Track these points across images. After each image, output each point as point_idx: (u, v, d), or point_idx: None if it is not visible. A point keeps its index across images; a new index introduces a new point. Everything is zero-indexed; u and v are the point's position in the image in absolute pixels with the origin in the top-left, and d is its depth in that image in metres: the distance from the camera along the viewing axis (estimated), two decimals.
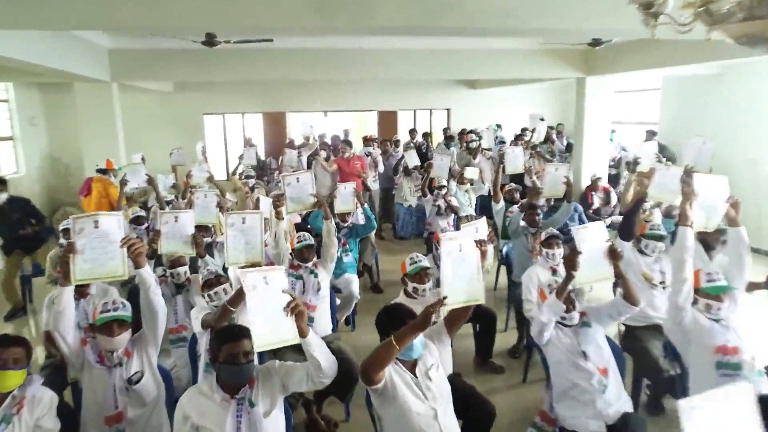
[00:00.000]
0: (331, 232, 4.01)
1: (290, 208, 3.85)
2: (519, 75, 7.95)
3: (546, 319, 2.91)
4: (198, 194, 4.66)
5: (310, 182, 3.87)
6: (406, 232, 9.17)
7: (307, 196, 3.87)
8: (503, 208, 6.23)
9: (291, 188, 3.82)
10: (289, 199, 3.79)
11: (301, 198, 3.81)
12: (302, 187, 3.83)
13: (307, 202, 3.88)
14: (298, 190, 3.81)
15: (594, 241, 2.89)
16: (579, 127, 8.09)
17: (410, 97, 11.88)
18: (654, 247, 3.99)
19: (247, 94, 11.22)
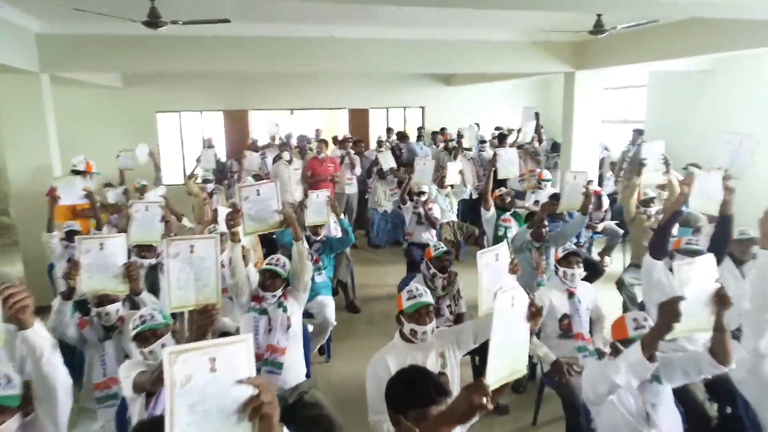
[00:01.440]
0: (302, 255, 3.24)
1: (249, 228, 2.98)
2: (504, 69, 7.31)
3: (623, 381, 2.19)
4: (137, 207, 3.82)
5: (275, 195, 3.00)
6: (381, 240, 8.44)
7: (271, 213, 3.00)
8: (494, 215, 5.57)
9: (250, 203, 2.94)
10: (248, 217, 2.93)
11: (262, 216, 2.97)
12: (264, 201, 2.96)
13: (270, 221, 3.01)
14: (258, 206, 2.95)
15: (699, 282, 2.26)
16: (567, 126, 7.52)
17: (383, 95, 11.16)
18: None
19: (206, 90, 10.29)
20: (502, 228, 5.52)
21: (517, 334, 1.69)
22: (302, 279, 3.24)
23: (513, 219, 5.62)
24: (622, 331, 2.45)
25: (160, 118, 10.45)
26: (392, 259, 7.80)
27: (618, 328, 2.49)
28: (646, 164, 5.22)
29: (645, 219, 5.33)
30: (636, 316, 2.47)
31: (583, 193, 4.12)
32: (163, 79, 10.01)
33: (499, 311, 1.61)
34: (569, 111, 7.45)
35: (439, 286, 3.95)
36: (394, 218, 8.43)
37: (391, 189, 8.52)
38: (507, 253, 2.60)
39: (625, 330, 2.42)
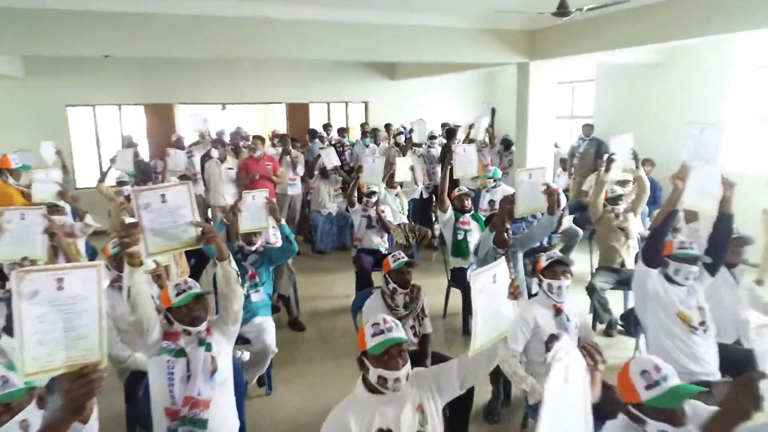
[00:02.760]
0: (230, 279, 2.51)
1: (153, 247, 2.19)
2: (454, 58, 6.80)
3: None
4: (9, 215, 2.97)
5: (188, 202, 2.23)
6: (325, 245, 7.76)
7: (183, 226, 2.23)
8: (452, 218, 5.04)
9: (152, 214, 2.17)
10: (152, 234, 2.17)
11: (171, 230, 2.20)
12: (173, 211, 2.21)
13: (183, 237, 2.24)
14: (165, 217, 2.19)
15: None
16: (522, 121, 7.11)
17: (324, 89, 10.43)
18: (687, 272, 2.92)
19: (125, 81, 9.19)
20: (462, 231, 5.00)
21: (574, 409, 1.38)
22: (231, 309, 2.52)
23: (473, 221, 5.10)
24: (631, 393, 1.82)
25: (72, 112, 9.25)
26: (339, 266, 7.12)
27: (625, 387, 1.86)
28: (615, 159, 4.82)
29: (613, 218, 4.94)
30: (645, 368, 1.82)
31: (545, 191, 3.60)
32: (73, 69, 8.86)
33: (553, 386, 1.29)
34: (523, 105, 7.04)
35: (401, 304, 3.34)
36: (340, 221, 7.78)
37: (335, 189, 7.87)
38: (506, 272, 2.02)
39: (635, 392, 1.80)
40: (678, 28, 5.35)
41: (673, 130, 7.35)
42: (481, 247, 3.72)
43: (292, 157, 7.47)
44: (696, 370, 2.80)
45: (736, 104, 6.88)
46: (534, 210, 3.66)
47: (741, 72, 6.85)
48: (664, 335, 2.89)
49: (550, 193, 3.56)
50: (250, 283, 3.93)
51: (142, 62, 9.13)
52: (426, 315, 3.42)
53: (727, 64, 6.85)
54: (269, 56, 6.21)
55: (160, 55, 6.28)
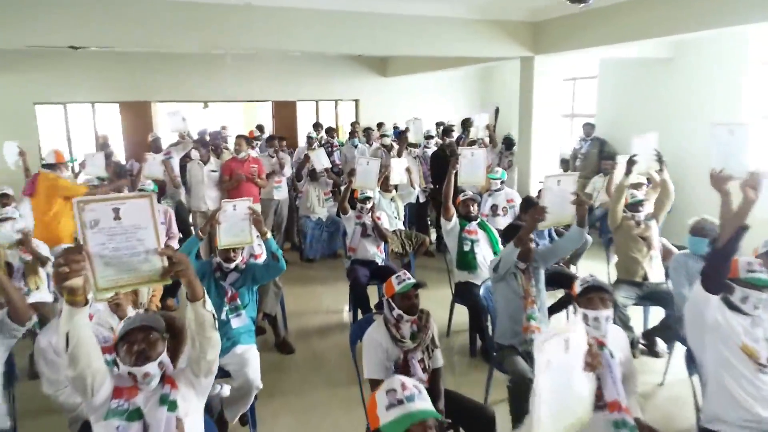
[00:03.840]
0: (205, 324, 1.93)
1: (104, 282, 1.63)
2: (453, 52, 6.30)
3: None
4: None
5: (150, 222, 1.65)
6: (315, 253, 7.23)
7: (144, 255, 1.67)
8: (458, 226, 4.54)
9: (102, 236, 1.61)
10: (101, 263, 1.62)
11: (128, 261, 1.65)
12: (131, 233, 1.63)
13: (144, 270, 1.68)
14: (120, 242, 1.63)
15: None
16: (525, 120, 6.65)
17: (312, 86, 9.89)
18: (757, 300, 2.46)
19: (98, 77, 8.58)
20: (468, 242, 4.50)
21: None
22: (204, 359, 1.99)
23: (480, 229, 4.61)
24: None
25: (41, 111, 8.61)
26: (330, 276, 6.61)
27: None
28: (636, 161, 4.36)
29: (633, 226, 4.48)
30: None
31: (575, 201, 3.12)
32: (42, 64, 8.25)
33: None
34: (527, 103, 6.58)
35: (407, 335, 2.83)
36: (330, 226, 7.25)
37: (325, 192, 7.34)
38: (582, 335, 1.53)
39: None
40: (692, 20, 4.97)
41: (682, 130, 6.96)
42: (503, 265, 3.21)
43: (279, 158, 6.94)
44: (766, 415, 2.34)
45: (752, 102, 6.46)
46: (561, 222, 3.16)
47: (758, 67, 6.44)
48: (726, 373, 2.42)
49: (581, 202, 3.07)
50: (230, 306, 3.40)
51: (117, 57, 8.53)
52: (437, 346, 2.91)
53: (743, 58, 6.43)
54: (251, 47, 5.66)
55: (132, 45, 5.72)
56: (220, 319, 3.36)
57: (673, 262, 3.86)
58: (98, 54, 8.33)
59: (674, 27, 5.15)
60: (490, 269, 3.32)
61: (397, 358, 2.77)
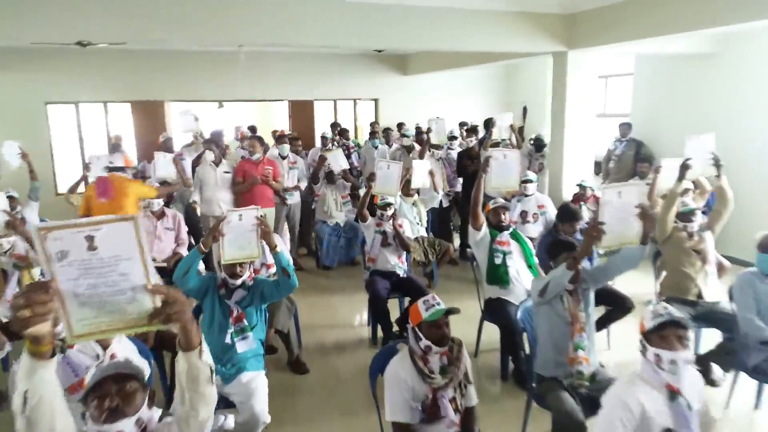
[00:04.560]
0: (199, 378, 1.50)
1: (80, 328, 1.25)
2: (479, 47, 5.88)
3: None
4: None
5: (136, 251, 1.25)
6: (332, 260, 6.85)
7: (130, 293, 1.27)
8: (488, 236, 4.12)
9: (75, 270, 1.23)
10: (76, 303, 1.23)
11: (110, 300, 1.26)
12: (112, 266, 1.24)
13: (130, 312, 1.28)
14: (98, 277, 1.24)
15: None
16: (558, 120, 6.19)
17: (330, 85, 9.53)
18: None
19: (110, 76, 8.33)
20: (499, 254, 4.07)
21: None
22: (195, 418, 1.57)
23: (513, 240, 4.18)
24: None
25: (53, 110, 8.39)
26: (348, 285, 6.23)
27: None
28: (690, 166, 3.89)
29: (685, 238, 4.01)
30: None
31: (641, 215, 2.67)
32: (53, 63, 8.02)
33: None
34: (560, 101, 6.12)
35: (437, 369, 2.42)
36: (348, 232, 6.88)
37: (343, 196, 6.97)
38: None
39: None
40: (741, 10, 4.49)
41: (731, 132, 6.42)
42: (552, 289, 2.77)
43: (290, 161, 6.57)
44: None
45: None
46: (624, 242, 2.70)
47: None
48: None
49: (647, 216, 2.63)
50: (235, 327, 3.04)
51: (129, 55, 8.27)
52: (470, 381, 2.51)
53: None
54: (263, 42, 5.30)
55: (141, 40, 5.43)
56: (224, 343, 3.00)
57: (739, 282, 3.39)
58: (110, 53, 8.08)
59: (721, 18, 4.66)
60: (535, 292, 2.88)
61: (424, 398, 2.37)
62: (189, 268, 2.94)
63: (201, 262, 4.02)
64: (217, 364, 2.98)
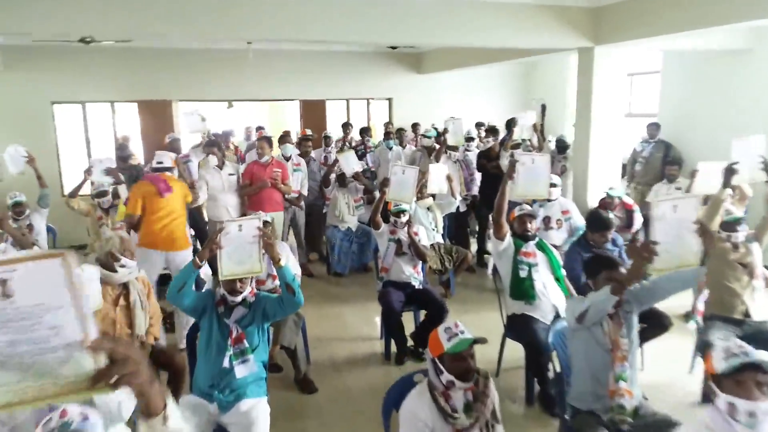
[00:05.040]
0: None
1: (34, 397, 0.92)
2: (500, 43, 5.54)
3: None
4: None
5: (65, 299, 0.89)
6: (343, 267, 6.57)
7: (62, 352, 0.91)
8: (512, 247, 3.79)
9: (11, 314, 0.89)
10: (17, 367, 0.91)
11: (38, 362, 0.91)
12: (35, 318, 0.88)
13: (64, 375, 0.92)
14: (17, 332, 0.89)
15: None
16: (583, 120, 5.83)
17: (342, 84, 9.23)
18: None
19: (117, 76, 8.11)
20: (525, 266, 3.73)
21: None
22: None
23: (539, 251, 3.84)
24: None
25: (59, 110, 8.20)
26: (360, 294, 5.93)
27: None
28: (737, 170, 3.53)
29: (730, 249, 3.65)
30: None
31: (700, 231, 2.31)
32: (59, 62, 7.83)
33: None
34: (585, 100, 5.76)
35: (460, 407, 2.11)
36: (361, 237, 6.59)
37: (355, 200, 6.68)
38: None
39: None
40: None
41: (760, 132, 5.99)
42: (592, 316, 2.43)
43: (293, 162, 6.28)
44: None
45: None
46: (682, 264, 2.34)
47: None
48: None
49: (707, 234, 2.29)
50: (234, 349, 2.75)
51: (137, 54, 8.06)
52: (498, 420, 2.19)
53: None
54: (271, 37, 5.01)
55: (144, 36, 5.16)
56: (222, 368, 2.71)
57: None
58: (117, 51, 7.87)
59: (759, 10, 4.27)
60: (571, 316, 2.54)
61: None
62: (183, 285, 2.65)
63: (208, 266, 3.82)
64: (213, 391, 2.70)
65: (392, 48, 6.81)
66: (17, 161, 5.62)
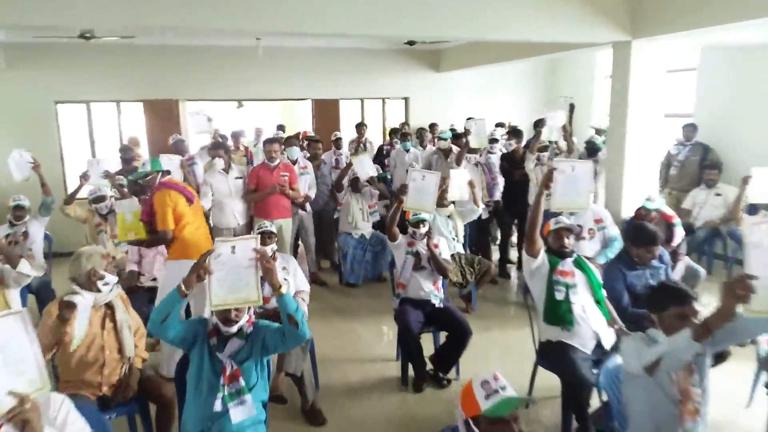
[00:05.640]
0: None
1: None
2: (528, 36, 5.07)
3: None
4: None
5: None
6: (357, 277, 6.17)
7: None
8: (546, 264, 3.36)
9: None
10: None
11: None
12: None
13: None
14: None
15: None
16: (617, 120, 5.36)
17: (357, 83, 8.81)
18: None
19: (122, 74, 7.78)
20: (561, 287, 3.29)
21: None
22: None
23: (578, 270, 3.40)
24: None
25: (63, 110, 7.90)
26: (374, 307, 5.53)
27: None
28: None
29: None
30: None
31: None
32: (62, 60, 7.54)
33: None
34: (621, 99, 5.28)
35: None
36: (375, 245, 6.19)
37: (369, 205, 6.28)
38: None
39: None
40: None
41: None
42: (669, 364, 1.97)
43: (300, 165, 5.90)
44: None
45: None
46: None
47: None
48: None
49: None
50: (229, 389, 2.35)
51: (143, 52, 7.75)
52: None
53: None
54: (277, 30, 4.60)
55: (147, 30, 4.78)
56: (213, 412, 2.32)
57: None
58: (122, 49, 7.56)
59: None
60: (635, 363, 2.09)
61: None
62: (167, 316, 2.26)
63: None
64: None
65: (410, 44, 6.39)
66: (22, 167, 5.29)
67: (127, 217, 4.06)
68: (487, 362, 4.24)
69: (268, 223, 3.93)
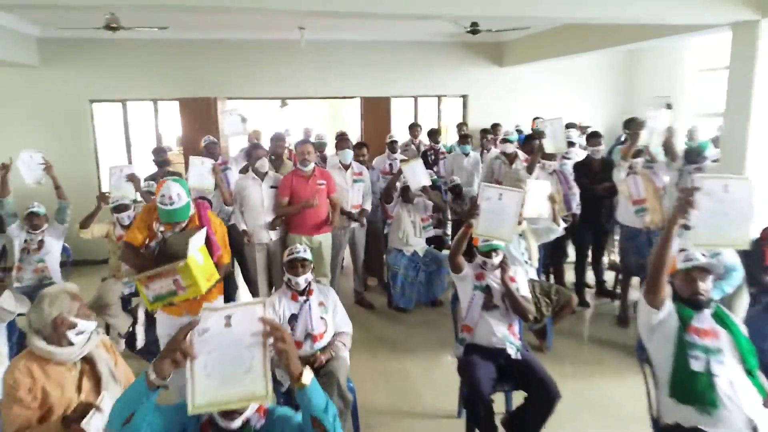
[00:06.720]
0: None
1: None
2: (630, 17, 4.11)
3: None
4: None
5: None
6: (408, 301, 5.36)
7: None
8: (674, 317, 2.44)
9: None
10: None
11: None
12: None
13: None
14: None
15: None
16: (737, 118, 4.30)
17: (409, 79, 7.97)
18: None
19: (160, 72, 7.27)
20: (700, 353, 2.38)
21: None
22: None
23: (719, 326, 2.44)
24: None
25: (98, 109, 7.46)
26: (429, 340, 4.71)
27: None
28: None
29: None
30: None
31: None
32: (98, 58, 7.11)
33: None
34: (742, 93, 4.23)
35: None
36: (429, 264, 5.37)
37: (423, 219, 5.46)
38: None
39: None
40: None
41: None
42: None
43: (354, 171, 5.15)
44: None
45: None
46: None
47: None
48: None
49: None
50: None
51: (181, 48, 7.24)
52: None
53: None
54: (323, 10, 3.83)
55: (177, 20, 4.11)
56: None
57: None
58: (159, 45, 7.07)
59: None
60: None
61: None
62: (131, 415, 1.49)
63: None
64: None
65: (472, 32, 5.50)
66: (33, 169, 4.77)
67: (198, 259, 2.78)
68: (569, 405, 3.29)
69: (301, 248, 3.16)
